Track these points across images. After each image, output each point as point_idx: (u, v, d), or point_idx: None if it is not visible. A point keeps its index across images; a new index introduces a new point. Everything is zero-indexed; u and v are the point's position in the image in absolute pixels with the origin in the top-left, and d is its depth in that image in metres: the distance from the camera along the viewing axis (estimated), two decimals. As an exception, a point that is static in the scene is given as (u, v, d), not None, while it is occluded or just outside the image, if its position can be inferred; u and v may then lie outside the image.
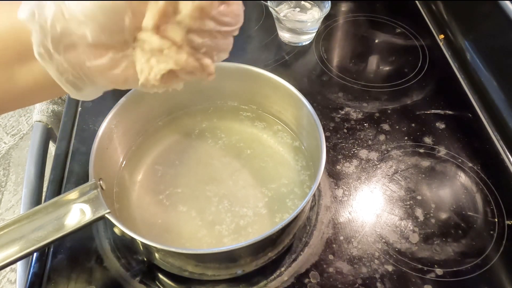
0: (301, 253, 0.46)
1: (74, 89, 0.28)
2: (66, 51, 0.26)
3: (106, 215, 0.37)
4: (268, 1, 0.66)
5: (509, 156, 0.55)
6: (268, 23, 0.72)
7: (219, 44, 0.28)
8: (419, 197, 0.51)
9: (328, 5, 0.67)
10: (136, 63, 0.27)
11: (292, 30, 0.67)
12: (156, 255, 0.41)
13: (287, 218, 0.37)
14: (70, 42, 0.26)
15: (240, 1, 0.28)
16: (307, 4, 0.70)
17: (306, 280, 0.44)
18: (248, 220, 0.45)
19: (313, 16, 0.69)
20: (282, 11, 0.69)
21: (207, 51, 0.28)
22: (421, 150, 0.56)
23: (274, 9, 0.66)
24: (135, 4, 0.25)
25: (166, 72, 0.27)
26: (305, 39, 0.69)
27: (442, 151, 0.56)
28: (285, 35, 0.69)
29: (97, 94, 0.31)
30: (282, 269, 0.45)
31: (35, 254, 0.46)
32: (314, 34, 0.70)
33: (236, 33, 0.29)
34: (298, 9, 0.70)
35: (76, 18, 0.24)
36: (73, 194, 0.38)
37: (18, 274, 0.47)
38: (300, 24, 0.67)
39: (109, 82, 0.28)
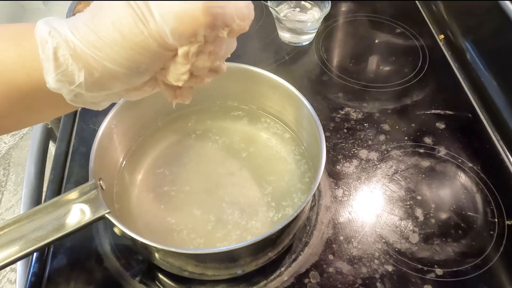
0: (301, 253, 0.46)
1: (97, 106, 0.30)
2: (100, 97, 0.28)
3: (106, 215, 0.37)
4: (268, 1, 0.66)
5: (509, 156, 0.55)
6: (268, 23, 0.72)
7: (232, 45, 0.31)
8: (419, 197, 0.51)
9: (328, 5, 0.67)
10: (162, 89, 0.31)
11: (292, 30, 0.67)
12: (156, 255, 0.41)
13: (287, 218, 0.37)
14: (104, 92, 0.27)
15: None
16: (307, 4, 0.70)
17: (306, 280, 0.44)
18: (248, 220, 0.45)
19: (313, 16, 0.69)
20: (282, 11, 0.69)
21: (223, 55, 0.30)
22: (421, 150, 0.56)
23: (274, 9, 0.66)
24: (155, 64, 0.27)
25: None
26: (305, 39, 0.69)
27: (442, 151, 0.56)
28: (285, 35, 0.69)
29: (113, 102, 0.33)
30: (282, 269, 0.45)
31: (35, 254, 0.46)
32: (314, 34, 0.70)
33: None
34: (298, 9, 0.70)
35: (105, 78, 0.26)
36: (73, 194, 0.38)
37: (18, 274, 0.47)
38: (300, 24, 0.67)
39: (131, 98, 0.31)
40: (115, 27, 0.24)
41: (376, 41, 0.72)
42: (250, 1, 0.28)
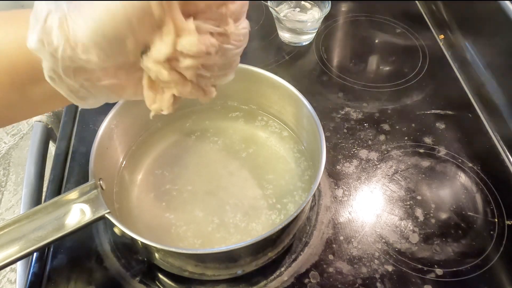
0: (301, 253, 0.46)
1: (85, 102, 0.29)
2: (76, 74, 0.27)
3: (106, 215, 0.37)
4: (268, 1, 0.66)
5: (509, 156, 0.55)
6: (268, 23, 0.72)
7: (226, 70, 0.30)
8: (419, 197, 0.51)
9: (328, 5, 0.67)
10: (144, 89, 0.29)
11: (292, 30, 0.67)
12: (156, 255, 0.41)
13: (287, 218, 0.37)
14: (79, 66, 0.26)
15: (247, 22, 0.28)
16: (307, 4, 0.70)
17: (306, 280, 0.44)
18: (248, 219, 0.45)
19: (313, 16, 0.69)
20: (282, 11, 0.69)
21: (214, 77, 0.29)
22: (421, 150, 0.56)
23: (274, 9, 0.66)
24: (136, 28, 0.25)
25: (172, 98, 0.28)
26: (305, 39, 0.69)
27: (442, 151, 0.56)
28: (285, 35, 0.69)
29: (104, 102, 0.31)
30: (282, 269, 0.45)
31: (35, 254, 0.46)
32: (314, 34, 0.70)
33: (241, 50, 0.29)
34: (298, 9, 0.70)
35: (81, 45, 0.25)
36: (73, 194, 0.38)
37: (18, 274, 0.47)
38: (300, 24, 0.67)
39: (119, 97, 0.30)
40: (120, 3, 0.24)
41: (376, 41, 0.72)
42: None
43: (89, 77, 0.27)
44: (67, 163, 0.54)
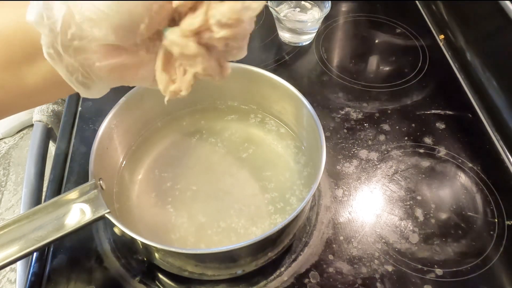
0: (301, 253, 0.46)
1: (83, 88, 0.28)
2: (76, 52, 0.26)
3: (106, 215, 0.37)
4: (268, 1, 0.66)
5: (509, 156, 0.55)
6: (268, 23, 0.72)
7: (243, 41, 0.28)
8: (419, 197, 0.51)
9: (328, 5, 0.67)
10: (157, 72, 0.28)
11: (292, 30, 0.67)
12: (156, 255, 0.41)
13: (287, 218, 0.37)
14: (80, 44, 0.25)
15: None
16: (307, 4, 0.70)
17: (306, 280, 0.44)
18: (248, 219, 0.45)
19: (313, 16, 0.69)
20: (282, 11, 0.69)
21: (231, 52, 0.28)
22: (421, 150, 0.56)
23: (274, 9, 0.66)
24: (154, 11, 0.24)
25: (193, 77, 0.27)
26: (305, 39, 0.69)
27: (442, 151, 0.56)
28: (285, 35, 0.69)
29: (105, 91, 0.30)
30: (282, 269, 0.45)
31: (35, 254, 0.46)
32: (314, 34, 0.70)
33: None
34: (298, 9, 0.70)
35: (89, 20, 0.24)
36: (73, 194, 0.38)
37: (18, 274, 0.47)
38: (300, 24, 0.67)
39: (118, 81, 0.28)
40: None
41: (376, 41, 0.72)
42: None
43: (89, 57, 0.26)
44: (67, 163, 0.54)
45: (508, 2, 0.59)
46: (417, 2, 0.78)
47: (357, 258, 0.46)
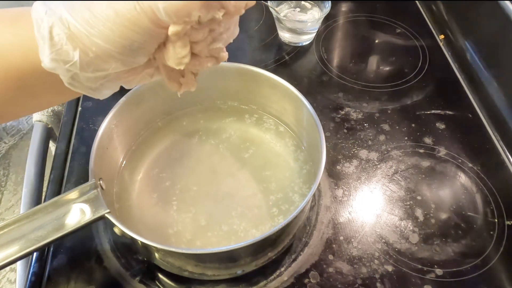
0: (301, 253, 0.46)
1: (98, 93, 0.30)
2: (97, 79, 0.27)
3: (106, 215, 0.37)
4: (268, 1, 0.66)
5: (509, 156, 0.55)
6: (268, 23, 0.72)
7: (234, 31, 0.30)
8: (419, 197, 0.51)
9: (328, 5, 0.67)
10: (166, 83, 0.31)
11: (292, 30, 0.67)
12: (156, 255, 0.41)
13: (287, 218, 0.37)
14: (100, 73, 0.27)
15: None
16: (307, 4, 0.70)
17: (306, 280, 0.44)
18: (248, 219, 0.45)
19: (313, 16, 0.69)
20: (282, 11, 0.69)
21: (225, 39, 0.29)
22: (421, 150, 0.56)
23: (274, 9, 0.66)
24: (149, 43, 0.26)
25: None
26: (305, 39, 0.69)
27: (442, 151, 0.56)
28: (285, 35, 0.69)
29: (110, 94, 0.32)
30: (282, 269, 0.45)
31: (35, 254, 0.46)
32: (314, 34, 0.70)
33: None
34: (298, 9, 0.70)
35: (100, 57, 0.25)
36: (73, 194, 0.38)
37: (18, 274, 0.47)
38: (300, 24, 0.67)
39: (124, 85, 0.31)
40: (109, 4, 0.24)
41: (376, 41, 0.72)
42: None
43: (109, 80, 0.28)
44: (67, 163, 0.54)
45: (508, 2, 0.59)
46: (417, 2, 0.78)
47: (357, 258, 0.46)
